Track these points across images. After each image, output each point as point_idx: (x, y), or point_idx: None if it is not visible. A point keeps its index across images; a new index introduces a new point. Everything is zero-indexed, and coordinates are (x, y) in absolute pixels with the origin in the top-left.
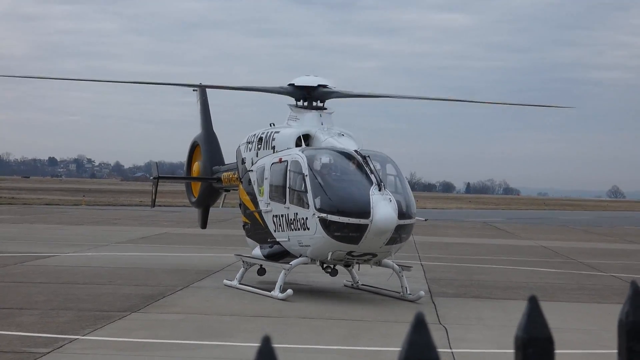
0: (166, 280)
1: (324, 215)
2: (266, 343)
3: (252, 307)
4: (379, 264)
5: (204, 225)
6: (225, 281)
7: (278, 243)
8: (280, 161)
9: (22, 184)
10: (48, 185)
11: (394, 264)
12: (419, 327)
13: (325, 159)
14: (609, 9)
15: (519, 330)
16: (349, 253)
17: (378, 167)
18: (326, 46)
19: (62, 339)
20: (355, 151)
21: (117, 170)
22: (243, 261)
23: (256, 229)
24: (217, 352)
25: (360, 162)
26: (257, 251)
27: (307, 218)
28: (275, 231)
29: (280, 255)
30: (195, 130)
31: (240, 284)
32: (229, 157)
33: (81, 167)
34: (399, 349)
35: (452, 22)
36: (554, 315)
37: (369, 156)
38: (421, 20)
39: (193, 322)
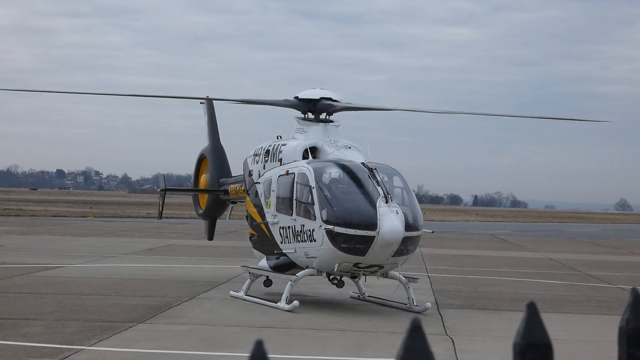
0: (172, 292)
1: (330, 227)
2: (258, 347)
3: (258, 318)
4: (385, 275)
5: (210, 237)
6: (231, 292)
7: (284, 254)
8: (287, 173)
9: (30, 195)
10: (55, 197)
11: (401, 276)
12: (415, 333)
13: (332, 171)
14: (614, 23)
15: (517, 336)
16: (356, 265)
17: (385, 179)
18: (333, 60)
19: (68, 350)
20: (362, 163)
21: (125, 182)
22: (249, 272)
23: (263, 241)
24: None
25: (367, 174)
26: (263, 262)
27: (313, 230)
28: (281, 243)
29: (287, 266)
30: (202, 142)
31: (246, 295)
32: (236, 170)
33: (89, 179)
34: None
35: (459, 36)
36: (561, 326)
37: (375, 168)
38: (428, 34)
39: (199, 333)
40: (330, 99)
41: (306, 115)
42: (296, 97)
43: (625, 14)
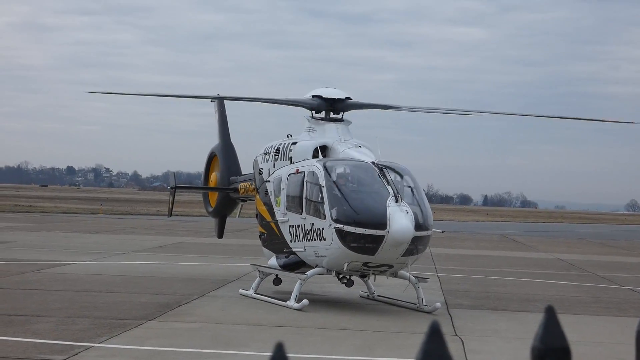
0: (182, 289)
1: (340, 226)
2: (279, 350)
3: (267, 316)
4: (395, 275)
5: (220, 235)
6: (241, 291)
7: (294, 253)
8: (297, 172)
9: (40, 192)
10: (66, 194)
11: (410, 275)
12: (434, 336)
13: (342, 170)
14: (624, 24)
15: (535, 340)
16: (365, 264)
17: (395, 178)
18: (342, 59)
19: (77, 347)
20: (373, 163)
21: (135, 179)
22: (259, 271)
23: (272, 239)
24: None
25: (377, 173)
26: (273, 261)
27: (323, 229)
28: (291, 241)
29: (296, 265)
30: (213, 140)
31: (256, 293)
32: (246, 168)
33: (99, 176)
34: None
35: (468, 36)
36: (571, 327)
37: (386, 167)
38: (437, 33)
39: (208, 331)
40: (347, 98)
41: (318, 114)
42: (318, 96)
43: (634, 15)
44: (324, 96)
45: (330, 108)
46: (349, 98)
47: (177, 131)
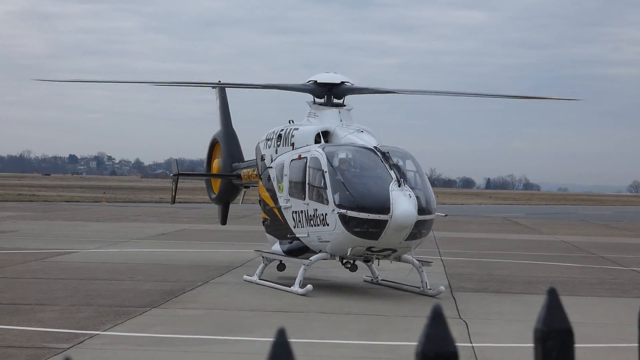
0: (186, 276)
1: (343, 211)
2: (281, 335)
3: (271, 302)
4: (398, 259)
5: (223, 221)
6: (245, 277)
7: (298, 239)
8: (300, 158)
9: (43, 181)
10: (68, 182)
11: (414, 259)
12: (437, 320)
13: (344, 155)
14: (626, 5)
15: (538, 322)
16: (369, 248)
17: (398, 163)
18: (344, 43)
19: (82, 335)
20: (375, 147)
21: (138, 167)
22: (263, 257)
23: (276, 225)
24: (237, 347)
25: (379, 158)
26: (276, 247)
27: (326, 214)
28: (294, 227)
29: (300, 251)
30: (214, 127)
31: (260, 279)
32: (248, 154)
33: (101, 164)
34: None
35: (470, 19)
36: (575, 309)
37: (388, 152)
38: (439, 17)
39: (213, 318)
40: (346, 82)
41: (320, 99)
42: (314, 81)
43: None
44: (318, 81)
45: (329, 93)
46: (347, 82)
47: (179, 118)
